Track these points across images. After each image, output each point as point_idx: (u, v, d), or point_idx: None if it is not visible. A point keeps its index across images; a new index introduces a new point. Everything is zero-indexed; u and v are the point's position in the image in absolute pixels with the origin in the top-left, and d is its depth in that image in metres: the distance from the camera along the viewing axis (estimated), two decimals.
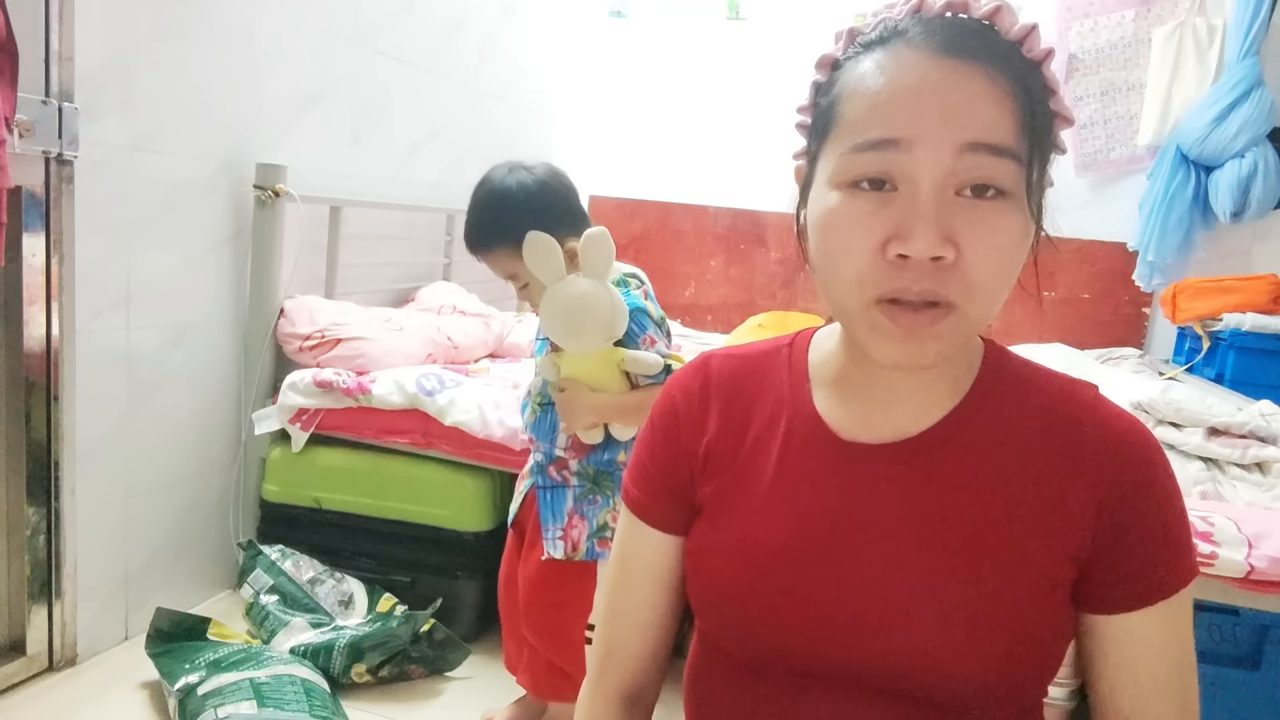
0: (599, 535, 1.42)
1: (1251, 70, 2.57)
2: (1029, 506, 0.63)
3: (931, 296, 0.57)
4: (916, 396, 0.67)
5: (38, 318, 1.62)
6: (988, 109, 0.57)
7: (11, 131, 1.37)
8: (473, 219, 1.41)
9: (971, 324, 0.60)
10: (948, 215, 0.57)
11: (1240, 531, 1.37)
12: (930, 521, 0.64)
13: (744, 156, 3.36)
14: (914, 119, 0.57)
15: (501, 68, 3.13)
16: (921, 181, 0.57)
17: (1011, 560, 0.62)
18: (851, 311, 0.61)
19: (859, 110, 0.59)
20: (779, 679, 0.66)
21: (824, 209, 0.61)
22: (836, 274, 0.61)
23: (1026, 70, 0.59)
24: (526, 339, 2.54)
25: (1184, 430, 1.74)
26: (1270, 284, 2.49)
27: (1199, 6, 2.76)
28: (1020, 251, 0.60)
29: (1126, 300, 2.98)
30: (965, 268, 0.57)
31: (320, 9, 2.21)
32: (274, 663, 1.61)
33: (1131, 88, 2.88)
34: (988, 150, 0.56)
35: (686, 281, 3.46)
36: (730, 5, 3.42)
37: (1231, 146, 2.59)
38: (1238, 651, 1.53)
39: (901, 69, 0.58)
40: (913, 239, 0.56)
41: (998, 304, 0.60)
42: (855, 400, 0.69)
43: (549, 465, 1.45)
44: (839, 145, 0.60)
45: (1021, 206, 0.58)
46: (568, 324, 1.32)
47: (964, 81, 0.57)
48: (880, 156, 0.58)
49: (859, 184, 0.59)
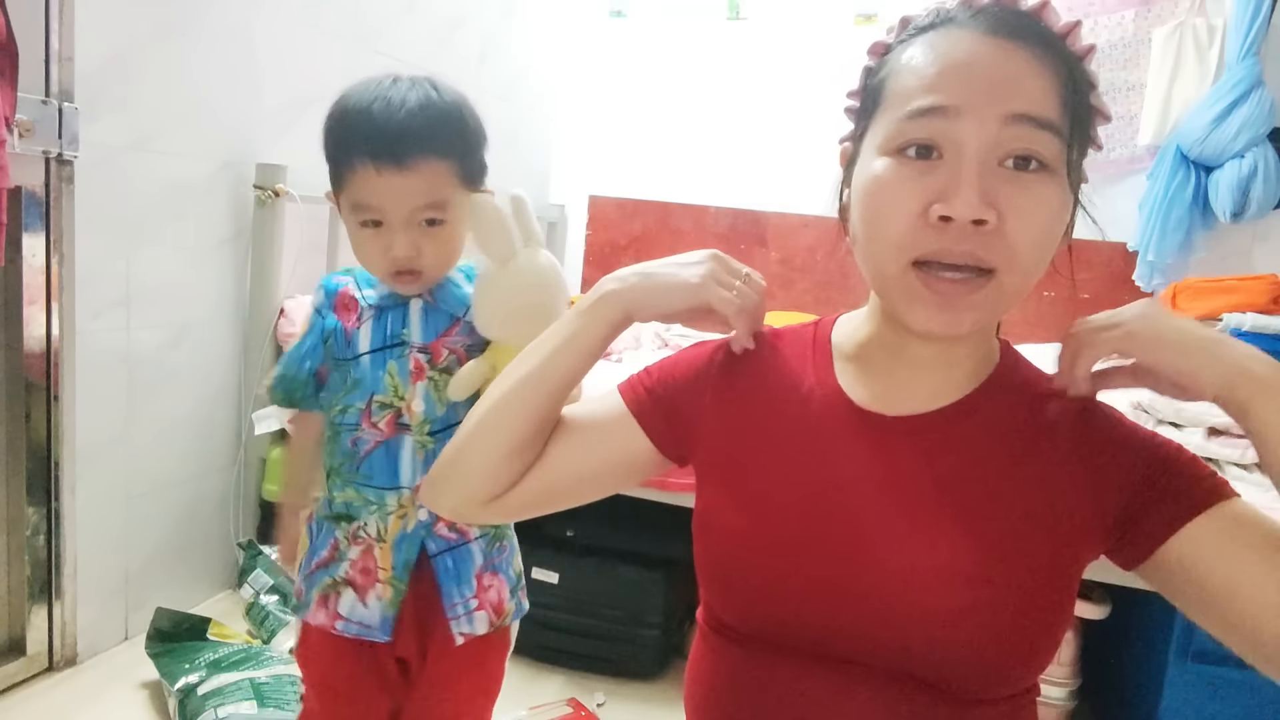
0: (519, 587, 1.15)
1: (1251, 70, 2.57)
2: (1042, 486, 0.64)
3: (973, 259, 0.59)
4: (938, 376, 0.68)
5: (38, 318, 1.62)
6: (1033, 83, 0.59)
7: (11, 131, 1.37)
8: (414, 110, 0.94)
9: (1009, 294, 0.61)
10: (991, 182, 0.59)
11: None
12: (941, 489, 0.64)
13: (744, 156, 3.36)
14: (962, 88, 0.59)
15: (502, 68, 3.13)
16: (967, 149, 0.59)
17: (1018, 535, 0.63)
18: (890, 276, 0.62)
19: (909, 83, 0.62)
20: (780, 660, 0.66)
21: (870, 176, 0.63)
22: (877, 237, 0.62)
23: (1070, 60, 0.62)
24: None
25: (1184, 430, 1.74)
26: (1270, 284, 2.49)
27: (1199, 7, 2.76)
28: (1058, 227, 0.62)
29: (1126, 300, 2.94)
30: (1007, 234, 0.59)
31: (320, 9, 2.21)
32: (274, 663, 1.61)
33: (1131, 88, 2.88)
34: (1032, 122, 0.58)
35: None
36: (730, 5, 3.42)
37: (1231, 147, 2.59)
38: None
39: (951, 45, 0.61)
40: (955, 200, 0.58)
41: (1034, 276, 0.62)
42: (877, 377, 0.70)
43: (437, 521, 1.05)
44: (888, 116, 0.62)
45: (1062, 183, 0.61)
46: (539, 307, 0.98)
47: (1010, 56, 0.59)
48: (928, 123, 0.60)
49: (905, 150, 0.61)
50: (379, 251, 0.98)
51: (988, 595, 0.61)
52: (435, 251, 1.00)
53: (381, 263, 0.99)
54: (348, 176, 0.97)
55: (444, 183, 0.97)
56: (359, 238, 1.00)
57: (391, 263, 0.98)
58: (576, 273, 3.56)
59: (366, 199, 0.96)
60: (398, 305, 1.04)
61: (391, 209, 0.96)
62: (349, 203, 0.99)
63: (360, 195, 0.97)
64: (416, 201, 0.96)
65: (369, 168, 0.94)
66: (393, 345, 1.03)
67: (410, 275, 1.00)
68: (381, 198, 0.96)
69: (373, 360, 1.03)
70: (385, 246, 0.98)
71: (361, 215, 0.98)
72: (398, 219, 0.96)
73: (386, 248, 0.97)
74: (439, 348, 1.04)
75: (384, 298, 1.05)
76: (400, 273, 1.00)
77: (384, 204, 0.96)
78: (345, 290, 1.07)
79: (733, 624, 0.69)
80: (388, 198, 0.95)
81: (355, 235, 1.00)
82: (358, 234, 1.00)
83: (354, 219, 0.99)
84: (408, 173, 0.94)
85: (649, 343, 2.85)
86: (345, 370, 1.04)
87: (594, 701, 1.80)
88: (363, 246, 1.00)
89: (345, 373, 1.04)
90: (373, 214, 0.97)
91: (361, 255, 1.02)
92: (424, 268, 1.00)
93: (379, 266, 1.01)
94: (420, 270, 1.00)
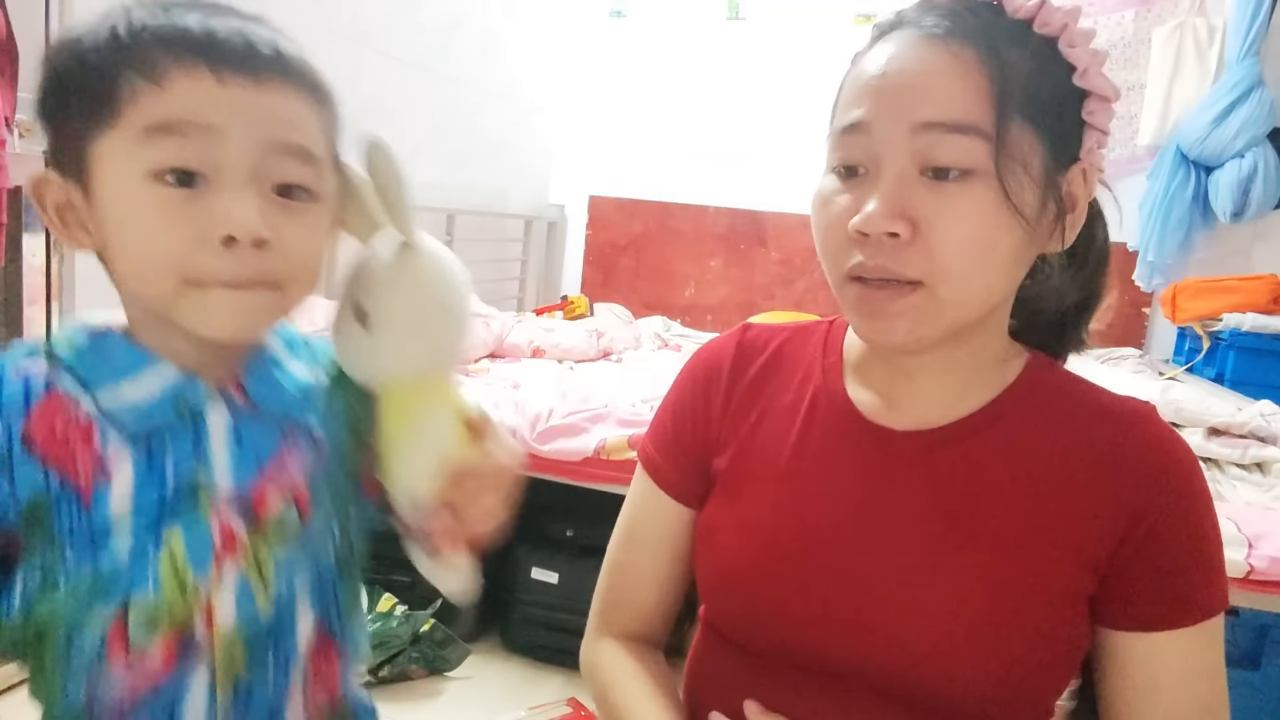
0: None
1: (1251, 70, 2.57)
2: (1056, 511, 0.61)
3: (886, 273, 0.58)
4: (936, 384, 0.66)
5: (38, 318, 1.62)
6: (949, 85, 0.57)
7: (12, 131, 1.37)
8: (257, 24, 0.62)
9: (944, 304, 0.58)
10: (907, 194, 0.57)
11: (1240, 532, 1.37)
12: (949, 514, 0.62)
13: (744, 156, 3.36)
14: (873, 102, 0.59)
15: (502, 68, 3.13)
16: (883, 163, 0.58)
17: (1029, 563, 0.60)
18: (835, 289, 0.63)
19: (845, 96, 0.62)
20: (780, 674, 0.65)
21: (816, 195, 0.63)
22: (821, 254, 0.63)
23: (1024, 48, 0.58)
24: (527, 338, 2.53)
25: (1184, 430, 1.74)
26: (1270, 284, 2.50)
27: (1199, 7, 2.76)
28: (995, 232, 0.57)
29: (1126, 300, 2.98)
30: (930, 246, 0.57)
31: (320, 9, 2.21)
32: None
33: (1131, 88, 2.88)
34: (941, 128, 0.56)
35: (686, 281, 3.46)
36: (730, 5, 3.42)
37: (1231, 146, 2.59)
38: (1237, 651, 1.53)
39: (884, 56, 0.60)
40: (863, 215, 0.57)
41: (974, 286, 0.59)
42: (879, 385, 0.68)
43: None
44: (831, 130, 0.63)
45: (993, 185, 0.56)
46: (448, 312, 0.61)
47: (926, 62, 0.58)
48: (850, 140, 0.60)
49: (837, 169, 0.61)
50: (189, 232, 0.53)
51: (996, 627, 0.59)
52: (299, 241, 0.56)
53: (191, 252, 0.53)
54: (146, 92, 0.53)
55: (312, 127, 0.59)
56: (146, 211, 0.54)
57: (217, 252, 0.53)
58: (576, 272, 3.57)
59: (190, 117, 0.53)
60: (177, 420, 0.56)
61: (235, 142, 0.53)
62: (135, 135, 0.53)
63: (177, 113, 0.53)
64: (274, 133, 0.55)
65: (202, 71, 0.53)
66: (176, 501, 0.55)
67: (262, 285, 0.55)
68: (223, 116, 0.53)
69: (136, 536, 0.54)
70: (208, 217, 0.53)
71: (168, 156, 0.53)
72: (241, 166, 0.54)
73: (209, 221, 0.52)
74: (265, 491, 0.58)
75: (152, 404, 0.56)
76: (241, 280, 0.54)
77: (226, 127, 0.53)
78: (53, 395, 0.55)
79: (733, 638, 0.68)
80: (233, 118, 0.53)
81: (137, 210, 0.54)
82: (143, 204, 0.54)
83: (140, 171, 0.53)
84: (264, 89, 0.56)
85: (649, 342, 2.84)
86: (75, 558, 0.53)
87: None
88: (154, 226, 0.54)
89: (74, 562, 0.53)
90: (192, 153, 0.53)
91: (145, 247, 0.55)
92: (279, 272, 0.55)
93: (181, 265, 0.54)
94: (273, 272, 0.55)
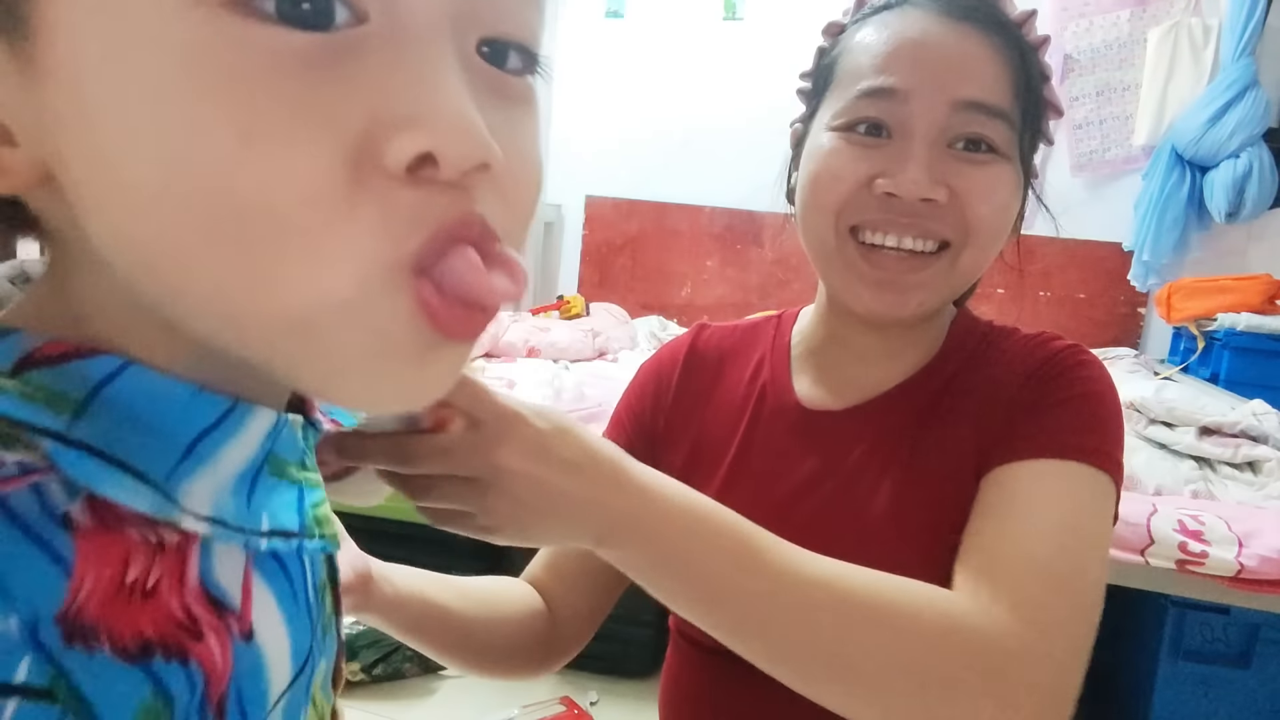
0: None
1: (1246, 71, 2.57)
2: (983, 428, 0.60)
3: (922, 231, 0.58)
4: (882, 367, 0.65)
5: None
6: (985, 69, 0.58)
7: None
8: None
9: (961, 272, 0.59)
10: (941, 163, 0.57)
11: (1231, 530, 1.37)
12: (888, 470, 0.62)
13: (741, 157, 3.36)
14: (912, 70, 0.58)
15: None
16: (916, 131, 0.58)
17: (968, 488, 0.58)
18: (830, 249, 0.61)
19: (860, 61, 0.61)
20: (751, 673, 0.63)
21: (817, 151, 0.61)
22: (817, 205, 0.61)
23: (1025, 48, 0.60)
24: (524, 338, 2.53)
25: (1176, 430, 1.74)
26: (1265, 284, 2.50)
27: (1194, 7, 2.77)
28: (1011, 211, 0.60)
29: (1122, 300, 2.98)
30: (962, 209, 0.58)
31: None
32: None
33: (1127, 88, 2.89)
34: (983, 110, 0.57)
35: (683, 281, 3.46)
36: (727, 6, 3.42)
37: (1226, 147, 2.59)
38: (1228, 650, 1.53)
39: (904, 26, 0.60)
40: (902, 177, 0.56)
41: (991, 253, 0.60)
42: (828, 372, 0.68)
43: None
44: (838, 94, 0.61)
45: (1015, 168, 0.59)
46: None
47: (963, 40, 0.58)
48: (877, 104, 0.59)
49: (855, 128, 0.60)
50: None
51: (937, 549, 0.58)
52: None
53: None
54: None
55: None
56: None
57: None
58: (573, 272, 3.57)
59: None
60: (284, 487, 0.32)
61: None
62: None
63: None
64: None
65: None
66: None
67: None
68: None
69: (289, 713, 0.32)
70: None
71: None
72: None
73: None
74: None
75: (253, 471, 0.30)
76: None
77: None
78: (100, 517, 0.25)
79: (700, 640, 0.68)
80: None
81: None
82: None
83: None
84: None
85: (645, 342, 2.85)
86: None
87: (587, 700, 1.80)
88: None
89: None
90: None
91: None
92: None
93: None
94: None
